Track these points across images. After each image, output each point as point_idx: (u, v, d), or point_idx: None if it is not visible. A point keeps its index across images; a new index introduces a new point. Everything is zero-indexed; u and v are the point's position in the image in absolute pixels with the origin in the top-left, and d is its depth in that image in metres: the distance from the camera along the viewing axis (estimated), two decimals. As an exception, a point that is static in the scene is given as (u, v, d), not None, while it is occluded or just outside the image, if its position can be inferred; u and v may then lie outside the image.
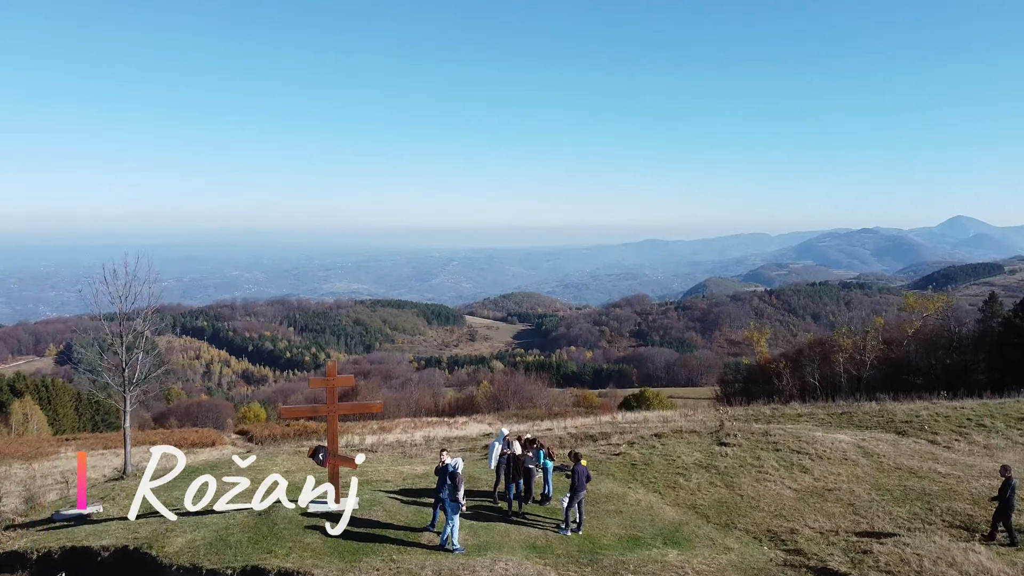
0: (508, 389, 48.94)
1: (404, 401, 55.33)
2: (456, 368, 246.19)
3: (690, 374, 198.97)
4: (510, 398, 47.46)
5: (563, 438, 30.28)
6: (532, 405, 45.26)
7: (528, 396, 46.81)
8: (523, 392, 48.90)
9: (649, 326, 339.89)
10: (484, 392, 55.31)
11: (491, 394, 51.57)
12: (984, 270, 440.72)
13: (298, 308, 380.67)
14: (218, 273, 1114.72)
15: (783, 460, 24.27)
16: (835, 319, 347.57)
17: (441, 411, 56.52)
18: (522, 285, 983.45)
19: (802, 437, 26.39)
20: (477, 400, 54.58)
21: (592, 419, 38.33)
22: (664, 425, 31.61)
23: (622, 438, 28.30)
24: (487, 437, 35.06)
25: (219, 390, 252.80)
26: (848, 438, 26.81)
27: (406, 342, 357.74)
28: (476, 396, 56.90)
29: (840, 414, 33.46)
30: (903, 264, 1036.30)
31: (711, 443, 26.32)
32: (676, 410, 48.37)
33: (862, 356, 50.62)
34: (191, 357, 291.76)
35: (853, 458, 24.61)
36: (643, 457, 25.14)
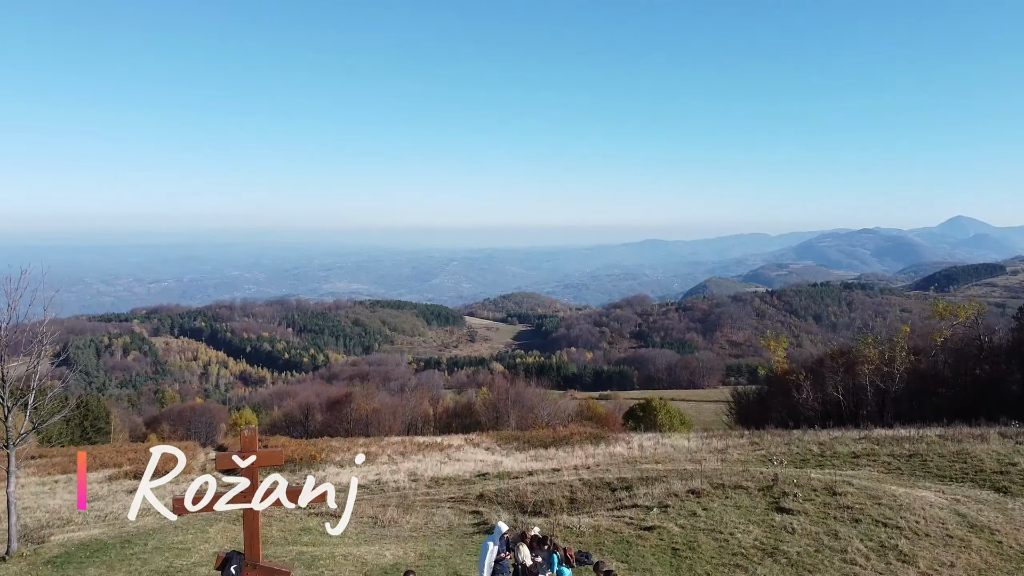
0: (508, 397, 46.85)
1: (400, 408, 53.20)
2: (456, 369, 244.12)
3: (692, 376, 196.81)
4: (510, 407, 45.39)
5: (575, 488, 25.30)
6: (533, 417, 43.19)
7: (529, 406, 44.75)
8: (523, 400, 46.82)
9: (650, 327, 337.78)
10: (483, 400, 53.24)
11: (490, 401, 49.48)
12: (986, 271, 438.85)
13: (297, 309, 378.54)
14: (218, 273, 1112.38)
15: (870, 539, 18.51)
16: (837, 320, 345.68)
17: (438, 419, 54.42)
18: (522, 285, 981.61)
19: (881, 499, 20.93)
20: (476, 407, 52.44)
21: (604, 451, 34.12)
22: (696, 471, 26.01)
23: (649, 492, 23.28)
24: (482, 479, 29.75)
25: (216, 392, 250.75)
26: (938, 498, 21.47)
27: (405, 343, 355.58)
28: (475, 403, 54.78)
29: (909, 457, 28.12)
30: (903, 264, 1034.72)
31: (767, 507, 20.93)
32: (693, 432, 45.60)
33: (890, 368, 46.52)
34: (188, 358, 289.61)
35: (959, 534, 18.76)
36: (684, 534, 19.32)
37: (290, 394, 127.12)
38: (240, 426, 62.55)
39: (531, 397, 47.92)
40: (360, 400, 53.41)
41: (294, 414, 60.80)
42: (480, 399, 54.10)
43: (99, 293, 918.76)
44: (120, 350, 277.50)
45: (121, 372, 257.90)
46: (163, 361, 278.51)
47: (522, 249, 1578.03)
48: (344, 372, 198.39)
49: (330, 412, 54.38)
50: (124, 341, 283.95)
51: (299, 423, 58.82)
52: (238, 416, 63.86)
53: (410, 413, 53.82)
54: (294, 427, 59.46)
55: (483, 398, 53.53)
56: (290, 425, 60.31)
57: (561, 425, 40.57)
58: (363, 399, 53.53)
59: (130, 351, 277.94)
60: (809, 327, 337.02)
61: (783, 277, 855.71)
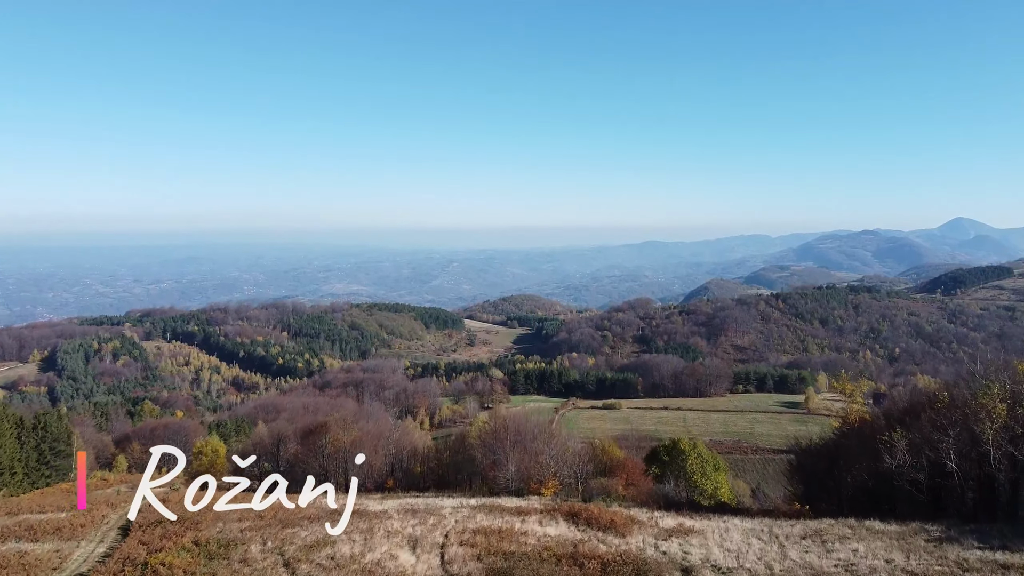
0: (507, 432, 39.98)
1: (383, 440, 46.28)
2: (454, 375, 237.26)
3: (698, 383, 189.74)
4: (509, 448, 38.50)
5: None
6: (537, 466, 36.33)
7: (533, 452, 37.81)
8: (524, 436, 40.01)
9: (653, 331, 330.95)
10: (479, 431, 46.40)
11: (486, 436, 42.59)
12: (993, 273, 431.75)
13: (293, 312, 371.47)
14: (218, 274, 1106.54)
15: None
16: (843, 324, 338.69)
17: (428, 456, 47.34)
18: (522, 286, 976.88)
19: None
20: (470, 441, 45.56)
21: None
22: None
23: None
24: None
25: (207, 399, 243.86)
26: None
27: (403, 347, 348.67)
28: (468, 436, 47.90)
29: None
30: (905, 266, 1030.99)
31: None
32: (733, 481, 37.01)
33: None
34: (180, 363, 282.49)
35: None
36: None
37: (277, 406, 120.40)
38: (205, 455, 55.76)
39: (533, 430, 41.19)
40: (337, 431, 46.50)
41: (265, 443, 54.11)
42: (476, 430, 47.31)
43: (98, 294, 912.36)
44: (110, 355, 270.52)
45: (110, 378, 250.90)
46: (154, 366, 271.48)
47: (522, 250, 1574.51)
48: (338, 379, 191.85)
49: (304, 443, 47.61)
50: (114, 345, 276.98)
51: (271, 453, 52.31)
52: (203, 444, 57.05)
53: (394, 446, 47.05)
54: (266, 457, 52.88)
55: (479, 429, 46.75)
56: (262, 455, 53.68)
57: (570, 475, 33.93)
58: (340, 430, 46.62)
59: (120, 356, 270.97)
60: (815, 331, 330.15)
61: (785, 279, 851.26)
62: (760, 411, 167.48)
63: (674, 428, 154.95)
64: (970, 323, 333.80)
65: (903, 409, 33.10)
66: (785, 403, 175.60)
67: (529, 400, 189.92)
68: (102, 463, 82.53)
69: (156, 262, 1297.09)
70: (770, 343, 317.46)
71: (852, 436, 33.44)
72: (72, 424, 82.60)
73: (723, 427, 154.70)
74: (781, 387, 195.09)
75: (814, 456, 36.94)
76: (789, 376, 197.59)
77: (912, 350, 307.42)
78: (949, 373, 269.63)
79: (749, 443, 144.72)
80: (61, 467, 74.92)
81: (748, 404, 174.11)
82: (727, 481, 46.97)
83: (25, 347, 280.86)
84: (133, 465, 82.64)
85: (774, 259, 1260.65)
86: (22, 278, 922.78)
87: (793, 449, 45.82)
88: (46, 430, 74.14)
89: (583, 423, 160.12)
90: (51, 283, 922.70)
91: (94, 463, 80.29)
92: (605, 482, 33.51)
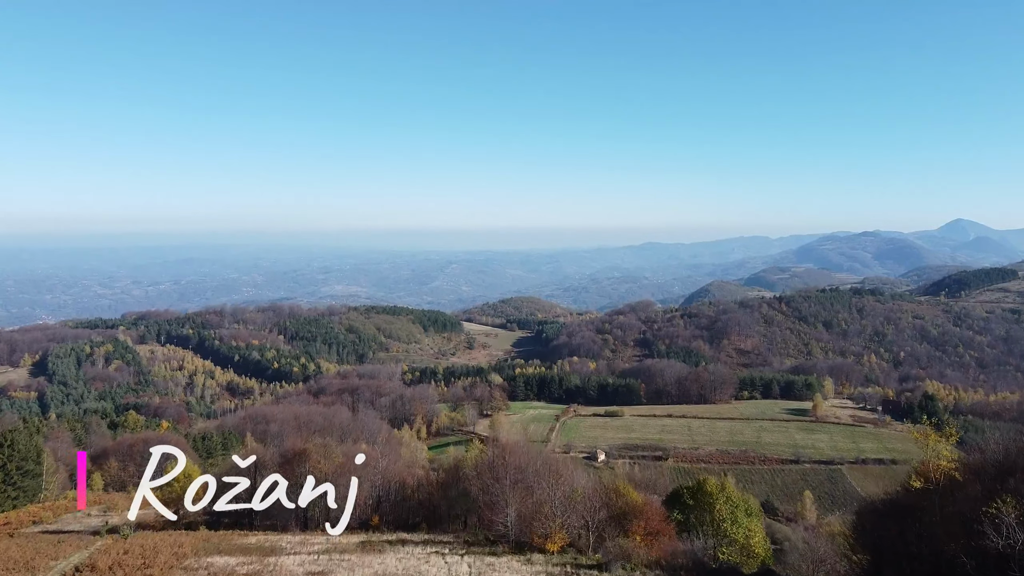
0: (506, 470, 35.30)
1: (368, 469, 41.56)
2: (452, 380, 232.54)
3: (702, 390, 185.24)
4: (508, 488, 33.83)
5: None
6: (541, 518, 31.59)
7: (536, 495, 33.11)
8: (527, 474, 35.35)
9: (654, 334, 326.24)
10: (475, 462, 41.71)
11: (483, 470, 37.91)
12: (998, 275, 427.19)
13: (289, 315, 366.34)
14: (217, 275, 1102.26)
15: None
16: (847, 327, 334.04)
17: (419, 487, 42.53)
18: (522, 288, 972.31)
19: None
20: (465, 472, 40.85)
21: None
22: None
23: None
24: None
25: (201, 404, 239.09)
26: None
27: (401, 350, 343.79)
28: (463, 465, 43.18)
29: None
30: (905, 268, 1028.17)
31: None
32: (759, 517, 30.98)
33: None
34: (174, 368, 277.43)
35: None
36: None
37: (267, 417, 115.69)
38: (177, 481, 50.99)
39: (536, 464, 36.59)
40: (318, 458, 41.84)
41: (240, 469, 49.44)
42: (472, 460, 42.65)
43: (97, 296, 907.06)
44: (102, 359, 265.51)
45: (102, 383, 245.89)
46: (147, 371, 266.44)
47: (522, 251, 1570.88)
48: (333, 386, 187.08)
49: (282, 471, 42.98)
50: (107, 349, 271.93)
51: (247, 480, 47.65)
52: (174, 465, 52.51)
53: (381, 476, 42.35)
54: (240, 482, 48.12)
55: (476, 459, 42.09)
56: (239, 483, 49.00)
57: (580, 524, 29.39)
58: (322, 457, 41.96)
59: (113, 360, 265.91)
60: (819, 334, 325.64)
61: (785, 280, 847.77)
62: (767, 419, 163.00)
63: (678, 437, 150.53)
64: (976, 326, 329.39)
65: (1002, 464, 26.16)
66: (792, 410, 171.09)
67: (529, 407, 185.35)
68: (75, 481, 77.74)
69: (155, 263, 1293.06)
70: (773, 347, 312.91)
71: (936, 495, 26.67)
72: (45, 440, 77.67)
73: (729, 436, 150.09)
74: (787, 393, 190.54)
75: (881, 517, 28.61)
76: (796, 382, 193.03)
77: (917, 354, 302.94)
78: (956, 378, 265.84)
79: (757, 453, 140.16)
80: (29, 488, 70.14)
81: (754, 411, 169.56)
82: (761, 527, 42.06)
83: (16, 351, 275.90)
84: (110, 483, 77.91)
85: (774, 260, 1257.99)
86: (21, 279, 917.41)
87: (858, 512, 37.79)
88: (13, 448, 69.39)
89: (585, 432, 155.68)
90: (50, 284, 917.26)
91: (67, 483, 75.53)
92: (623, 543, 28.76)
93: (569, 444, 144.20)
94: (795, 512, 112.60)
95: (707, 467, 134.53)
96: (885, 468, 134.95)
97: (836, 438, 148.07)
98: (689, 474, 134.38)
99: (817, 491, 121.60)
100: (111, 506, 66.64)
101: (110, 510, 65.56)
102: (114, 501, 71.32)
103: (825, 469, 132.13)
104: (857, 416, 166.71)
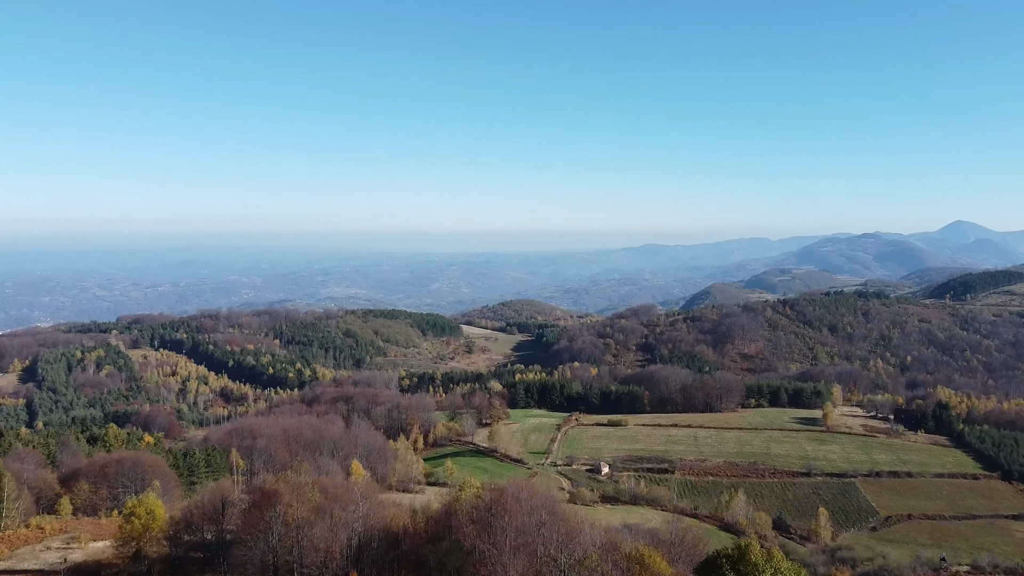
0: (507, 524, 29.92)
1: (347, 520, 36.07)
2: (451, 386, 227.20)
3: (708, 397, 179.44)
4: (509, 549, 28.49)
5: None
6: None
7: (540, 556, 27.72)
8: (528, 527, 29.94)
9: (657, 339, 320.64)
10: (469, 507, 36.26)
11: (479, 518, 32.54)
12: (1003, 278, 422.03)
13: (285, 319, 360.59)
14: (216, 277, 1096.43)
15: None
16: (853, 331, 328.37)
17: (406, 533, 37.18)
18: (521, 290, 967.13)
19: None
20: (458, 521, 35.43)
21: None
22: None
23: None
24: None
25: (194, 411, 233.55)
26: None
27: (399, 355, 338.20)
28: (456, 510, 37.70)
29: None
30: (906, 270, 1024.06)
31: None
32: None
33: None
34: (167, 373, 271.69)
35: None
36: None
37: (254, 431, 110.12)
38: (138, 517, 45.43)
39: (540, 512, 31.27)
40: (291, 500, 36.42)
41: (207, 508, 44.11)
42: (466, 503, 37.19)
43: (95, 297, 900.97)
44: (93, 365, 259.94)
45: (92, 389, 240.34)
46: (139, 377, 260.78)
47: (521, 253, 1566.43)
48: (327, 394, 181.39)
49: (250, 515, 37.68)
50: (98, 355, 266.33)
51: (212, 520, 42.46)
52: (135, 504, 46.83)
53: (362, 523, 36.93)
54: (207, 524, 42.97)
55: (469, 504, 36.63)
56: (204, 519, 43.78)
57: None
58: (295, 499, 36.55)
59: (104, 366, 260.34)
60: (824, 338, 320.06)
61: (786, 283, 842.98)
62: (776, 428, 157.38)
63: (685, 448, 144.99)
64: (983, 330, 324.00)
65: None
66: (801, 419, 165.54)
67: (530, 415, 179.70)
68: (45, 506, 72.27)
69: (155, 265, 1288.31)
70: (778, 351, 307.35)
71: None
72: (7, 463, 72.02)
73: (737, 447, 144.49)
74: (796, 401, 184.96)
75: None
76: (804, 390, 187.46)
77: (924, 358, 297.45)
78: (965, 383, 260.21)
79: (766, 465, 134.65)
80: (-12, 517, 64.59)
81: (762, 421, 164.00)
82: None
83: (6, 356, 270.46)
84: (80, 508, 72.37)
85: (774, 262, 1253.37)
86: (19, 281, 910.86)
87: None
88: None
89: (588, 442, 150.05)
90: (48, 286, 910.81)
91: (33, 507, 69.96)
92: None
93: (571, 456, 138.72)
94: (809, 530, 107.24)
95: (715, 480, 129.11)
96: (901, 481, 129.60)
97: (848, 449, 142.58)
98: (697, 488, 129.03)
99: (830, 506, 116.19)
100: (76, 536, 61.25)
101: (73, 541, 60.20)
102: (82, 528, 65.89)
103: (838, 483, 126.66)
104: (869, 425, 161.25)
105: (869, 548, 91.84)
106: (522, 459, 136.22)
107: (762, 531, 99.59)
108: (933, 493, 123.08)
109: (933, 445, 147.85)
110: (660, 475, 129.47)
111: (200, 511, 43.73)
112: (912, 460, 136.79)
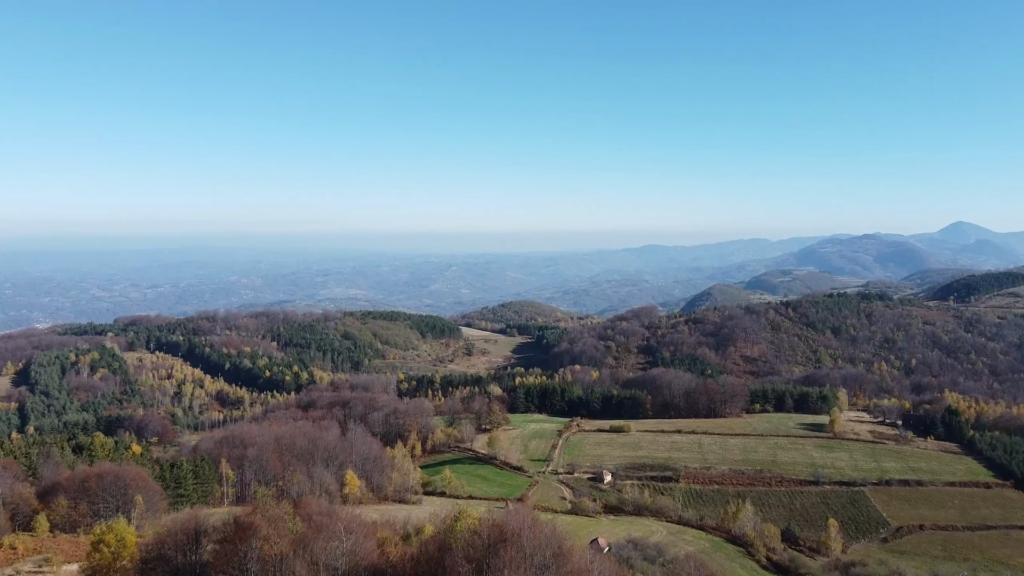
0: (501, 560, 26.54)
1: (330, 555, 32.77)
2: (450, 389, 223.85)
3: (711, 402, 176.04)
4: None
5: None
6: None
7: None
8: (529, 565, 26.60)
9: (658, 341, 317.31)
10: (465, 540, 32.99)
11: (477, 557, 29.23)
12: (1007, 279, 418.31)
13: (283, 321, 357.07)
14: (215, 278, 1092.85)
15: None
16: (856, 333, 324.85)
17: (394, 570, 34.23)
18: (521, 291, 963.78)
19: None
20: (452, 560, 32.11)
21: None
22: None
23: None
24: None
25: (188, 415, 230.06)
26: None
27: (398, 357, 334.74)
28: (451, 543, 34.43)
29: None
30: (907, 271, 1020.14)
31: None
32: None
33: None
34: (162, 376, 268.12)
35: None
36: None
37: (244, 440, 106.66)
38: (107, 544, 42.16)
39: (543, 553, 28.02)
40: (269, 532, 33.05)
41: (179, 538, 40.74)
42: (462, 535, 33.96)
43: (95, 298, 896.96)
44: (87, 368, 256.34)
45: (85, 393, 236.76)
46: (133, 380, 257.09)
47: (521, 254, 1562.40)
48: (324, 398, 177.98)
49: (225, 547, 34.37)
50: (93, 357, 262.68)
51: (186, 551, 39.16)
52: (104, 530, 43.72)
53: (346, 558, 33.53)
54: (178, 553, 39.60)
55: (465, 537, 33.38)
56: (176, 550, 40.42)
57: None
58: (274, 531, 33.20)
59: (98, 369, 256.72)
60: (827, 341, 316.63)
61: (787, 284, 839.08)
62: (782, 435, 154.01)
63: (689, 455, 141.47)
64: (988, 332, 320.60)
65: None
66: (807, 425, 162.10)
67: (530, 420, 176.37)
68: (21, 523, 68.85)
69: (155, 265, 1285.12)
70: (781, 354, 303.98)
71: None
72: None
73: (743, 454, 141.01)
74: (801, 406, 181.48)
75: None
76: (810, 394, 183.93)
77: (929, 361, 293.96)
78: (971, 387, 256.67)
79: (773, 473, 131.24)
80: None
81: (768, 427, 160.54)
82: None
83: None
84: (57, 525, 68.87)
85: (775, 263, 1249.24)
86: (19, 283, 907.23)
87: None
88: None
89: (589, 449, 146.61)
90: (48, 287, 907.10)
91: (7, 525, 66.54)
92: None
93: (573, 463, 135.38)
94: (818, 542, 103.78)
95: (720, 489, 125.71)
96: (911, 490, 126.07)
97: (856, 456, 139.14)
98: (702, 497, 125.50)
99: (839, 515, 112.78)
100: (49, 558, 57.84)
101: (46, 564, 56.80)
102: (57, 548, 62.46)
103: (847, 491, 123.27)
104: (876, 432, 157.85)
105: (883, 563, 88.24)
106: (522, 467, 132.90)
107: (771, 543, 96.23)
108: (945, 502, 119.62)
109: (943, 452, 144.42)
110: (664, 483, 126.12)
111: (173, 540, 40.40)
112: (922, 468, 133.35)
